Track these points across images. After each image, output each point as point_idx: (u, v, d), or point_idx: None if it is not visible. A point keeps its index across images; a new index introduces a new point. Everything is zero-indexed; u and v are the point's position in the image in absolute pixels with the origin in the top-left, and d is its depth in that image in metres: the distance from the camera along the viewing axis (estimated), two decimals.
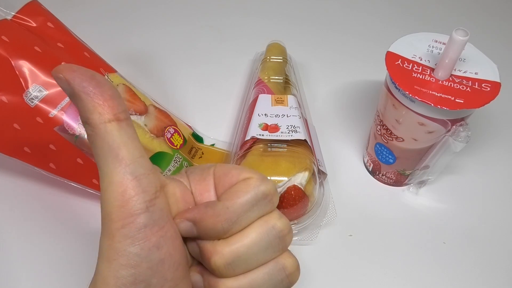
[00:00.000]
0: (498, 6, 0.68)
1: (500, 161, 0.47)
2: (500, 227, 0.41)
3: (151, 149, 0.41)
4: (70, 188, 0.38)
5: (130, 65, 0.55)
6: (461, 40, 0.31)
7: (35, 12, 0.38)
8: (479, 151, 0.47)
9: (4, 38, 0.34)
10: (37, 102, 0.35)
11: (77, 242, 0.38)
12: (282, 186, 0.37)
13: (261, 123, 0.41)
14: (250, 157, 0.39)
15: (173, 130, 0.44)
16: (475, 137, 0.49)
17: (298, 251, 0.38)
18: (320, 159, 0.42)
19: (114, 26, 0.62)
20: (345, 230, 0.40)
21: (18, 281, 0.36)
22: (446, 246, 0.39)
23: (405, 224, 0.41)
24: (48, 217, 0.40)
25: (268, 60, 0.50)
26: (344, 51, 0.60)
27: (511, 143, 0.48)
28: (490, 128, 0.50)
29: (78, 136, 0.36)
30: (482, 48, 0.36)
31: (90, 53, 0.41)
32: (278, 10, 0.67)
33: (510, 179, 0.45)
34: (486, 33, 0.62)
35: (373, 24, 0.64)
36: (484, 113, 0.51)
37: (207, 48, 0.60)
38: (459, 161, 0.46)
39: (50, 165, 0.36)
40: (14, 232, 0.39)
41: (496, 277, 0.37)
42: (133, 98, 0.42)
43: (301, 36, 0.62)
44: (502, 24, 0.65)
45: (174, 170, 0.42)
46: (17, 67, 0.35)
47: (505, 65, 0.39)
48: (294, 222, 0.38)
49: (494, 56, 0.36)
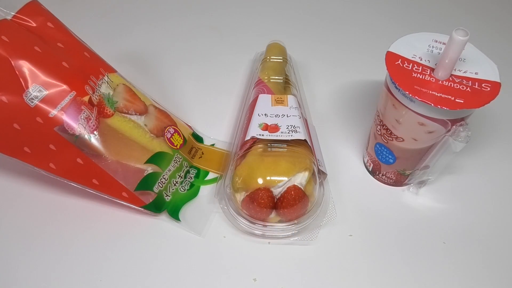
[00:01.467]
0: (498, 6, 0.68)
1: (500, 161, 0.46)
2: (500, 227, 0.41)
3: (151, 149, 0.41)
4: (70, 188, 0.38)
5: (130, 65, 0.55)
6: (461, 40, 0.31)
7: (35, 12, 0.38)
8: (479, 151, 0.47)
9: (4, 38, 0.34)
10: (37, 102, 0.35)
11: (77, 242, 0.38)
12: (282, 186, 0.37)
13: (261, 123, 0.41)
14: (250, 157, 0.39)
15: (173, 130, 0.44)
16: (475, 137, 0.49)
17: (298, 251, 0.38)
18: (320, 159, 0.42)
19: (114, 26, 0.62)
20: (345, 230, 0.40)
21: (18, 281, 0.36)
22: (446, 246, 0.39)
23: (405, 224, 0.41)
24: (48, 217, 0.40)
25: (268, 60, 0.50)
26: (344, 51, 0.60)
27: (511, 143, 0.48)
28: (490, 128, 0.50)
29: (78, 136, 0.36)
30: (482, 48, 0.36)
31: (90, 53, 0.41)
32: (278, 10, 0.67)
33: (510, 179, 0.45)
34: (486, 33, 0.62)
35: (373, 24, 0.64)
36: (484, 113, 0.51)
37: (207, 48, 0.60)
38: (459, 161, 0.46)
39: (50, 165, 0.36)
40: (14, 232, 0.39)
41: (496, 277, 0.37)
42: (133, 98, 0.42)
43: (301, 36, 0.62)
44: (502, 24, 0.65)
45: (174, 170, 0.42)
46: (17, 67, 0.35)
47: (505, 65, 0.39)
48: (294, 222, 0.38)
49: (494, 56, 0.36)
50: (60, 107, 0.36)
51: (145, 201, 0.39)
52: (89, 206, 0.41)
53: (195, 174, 0.44)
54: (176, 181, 0.42)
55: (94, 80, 0.39)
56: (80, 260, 0.37)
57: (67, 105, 0.36)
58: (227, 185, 0.40)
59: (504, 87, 0.34)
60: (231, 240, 0.39)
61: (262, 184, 0.36)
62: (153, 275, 0.36)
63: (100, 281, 0.36)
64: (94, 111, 0.38)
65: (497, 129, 0.50)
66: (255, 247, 0.38)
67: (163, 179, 0.40)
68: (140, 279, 0.36)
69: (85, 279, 0.36)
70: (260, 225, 0.38)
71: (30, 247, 0.38)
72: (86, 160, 0.37)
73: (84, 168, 0.37)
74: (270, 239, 0.39)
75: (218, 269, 0.37)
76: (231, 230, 0.39)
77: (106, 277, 0.36)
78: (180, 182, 0.42)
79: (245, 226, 0.38)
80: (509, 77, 0.44)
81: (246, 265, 0.37)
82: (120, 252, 0.38)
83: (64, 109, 0.36)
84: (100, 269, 0.36)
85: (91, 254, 0.37)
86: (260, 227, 0.38)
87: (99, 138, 0.37)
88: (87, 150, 0.37)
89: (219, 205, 0.41)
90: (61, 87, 0.36)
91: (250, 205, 0.37)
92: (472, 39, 0.33)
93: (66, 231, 0.39)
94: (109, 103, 0.39)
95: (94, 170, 0.37)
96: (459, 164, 0.46)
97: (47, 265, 0.37)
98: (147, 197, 0.39)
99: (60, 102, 0.36)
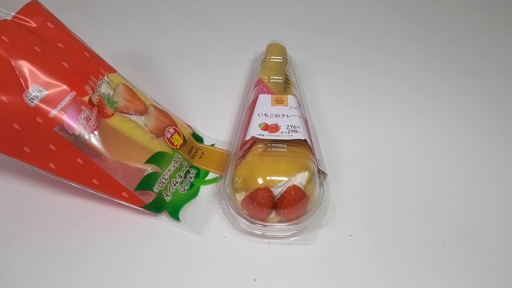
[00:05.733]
0: (498, 6, 0.68)
1: (500, 160, 0.47)
2: (500, 227, 0.41)
3: (151, 149, 0.41)
4: (70, 188, 0.38)
5: (130, 65, 0.55)
6: None
7: (35, 13, 0.38)
8: (479, 151, 0.47)
9: (4, 38, 0.34)
10: (37, 102, 0.35)
11: (77, 242, 0.38)
12: (282, 186, 0.37)
13: (261, 123, 0.41)
14: (250, 157, 0.39)
15: (173, 130, 0.44)
16: (475, 136, 0.49)
17: (298, 251, 0.38)
18: (320, 159, 0.41)
19: (114, 26, 0.62)
20: (345, 230, 0.40)
21: (18, 281, 0.36)
22: (446, 246, 0.39)
23: (405, 224, 0.40)
24: (48, 217, 0.40)
25: (268, 60, 0.50)
26: (344, 50, 0.60)
27: (511, 143, 0.49)
28: (491, 129, 0.50)
29: (78, 136, 0.36)
30: (482, 48, 0.36)
31: (90, 53, 0.41)
32: (278, 10, 0.67)
33: (510, 179, 0.45)
34: (486, 32, 0.62)
35: (373, 24, 0.64)
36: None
37: (207, 48, 0.60)
38: (459, 161, 0.46)
39: (50, 165, 0.36)
40: (14, 232, 0.39)
41: (496, 277, 0.37)
42: (133, 98, 0.42)
43: (301, 36, 0.62)
44: (502, 24, 0.65)
45: (174, 170, 0.42)
46: (17, 67, 0.35)
47: (505, 65, 0.39)
48: (294, 222, 0.38)
49: (495, 56, 0.36)
50: (60, 107, 0.36)
51: (145, 201, 0.39)
52: (89, 206, 0.41)
53: (195, 174, 0.44)
54: (176, 181, 0.42)
55: (94, 80, 0.39)
56: (80, 260, 0.37)
57: (67, 105, 0.36)
58: (227, 185, 0.40)
59: (505, 89, 0.34)
60: (231, 240, 0.39)
61: (262, 184, 0.36)
62: (153, 275, 0.36)
63: (100, 281, 0.36)
64: (94, 111, 0.38)
65: (497, 128, 0.50)
66: (255, 247, 0.38)
67: (163, 179, 0.40)
68: (140, 279, 0.36)
69: (85, 279, 0.36)
70: (260, 225, 0.38)
71: (30, 247, 0.38)
72: (86, 160, 0.37)
73: (84, 168, 0.37)
74: (270, 239, 0.39)
75: (218, 269, 0.37)
76: (231, 230, 0.39)
77: (106, 277, 0.36)
78: (180, 182, 0.42)
79: (245, 226, 0.38)
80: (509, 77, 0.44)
81: (246, 265, 0.37)
82: (120, 252, 0.38)
83: (64, 109, 0.36)
84: (100, 269, 0.36)
85: (91, 254, 0.37)
86: (260, 227, 0.38)
87: (99, 138, 0.37)
88: (87, 150, 0.37)
89: (219, 205, 0.41)
90: (61, 87, 0.36)
91: (250, 205, 0.37)
92: (472, 39, 0.33)
93: (66, 231, 0.39)
94: (109, 103, 0.39)
95: (94, 170, 0.37)
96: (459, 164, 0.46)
97: (47, 265, 0.37)
98: (147, 197, 0.39)
99: (60, 102, 0.36)
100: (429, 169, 0.45)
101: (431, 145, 0.48)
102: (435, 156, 0.47)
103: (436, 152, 0.47)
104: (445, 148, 0.48)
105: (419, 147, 0.48)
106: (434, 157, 0.47)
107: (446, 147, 0.48)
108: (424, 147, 0.48)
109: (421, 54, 0.59)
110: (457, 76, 0.56)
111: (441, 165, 0.46)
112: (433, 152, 0.47)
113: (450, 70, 0.57)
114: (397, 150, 0.47)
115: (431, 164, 0.46)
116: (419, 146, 0.48)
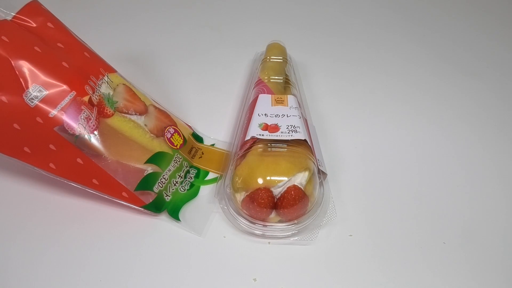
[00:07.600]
0: (498, 6, 0.68)
1: (500, 160, 0.47)
2: (500, 227, 0.41)
3: (151, 149, 0.41)
4: (70, 188, 0.38)
5: (130, 65, 0.55)
6: None
7: (35, 13, 0.38)
8: (479, 150, 0.47)
9: (4, 38, 0.34)
10: (37, 102, 0.35)
11: (76, 242, 0.38)
12: (282, 186, 0.37)
13: (261, 123, 0.41)
14: (250, 157, 0.39)
15: (173, 130, 0.44)
16: (475, 136, 0.49)
17: (298, 251, 0.38)
18: (320, 159, 0.42)
19: (114, 26, 0.62)
20: (345, 230, 0.40)
21: (18, 281, 0.36)
22: (446, 246, 0.39)
23: (405, 224, 0.40)
24: (48, 217, 0.40)
25: (268, 60, 0.50)
26: (344, 50, 0.60)
27: (510, 142, 0.49)
28: (491, 128, 0.50)
29: (78, 136, 0.36)
30: (482, 48, 0.36)
31: (90, 53, 0.41)
32: (278, 10, 0.67)
33: (510, 179, 0.45)
34: (486, 33, 0.62)
35: (373, 24, 0.64)
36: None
37: (207, 48, 0.60)
38: (459, 161, 0.46)
39: (50, 165, 0.36)
40: (14, 232, 0.39)
41: (496, 277, 0.37)
42: (133, 98, 0.42)
43: (301, 36, 0.62)
44: (503, 24, 0.65)
45: (174, 170, 0.42)
46: (17, 67, 0.35)
47: (505, 65, 0.39)
48: (294, 222, 0.38)
49: (494, 56, 0.36)
50: (60, 107, 0.36)
51: (145, 201, 0.39)
52: (89, 206, 0.41)
53: (195, 174, 0.44)
54: (176, 181, 0.42)
55: (94, 80, 0.39)
56: (80, 260, 0.37)
57: (67, 105, 0.36)
58: (227, 185, 0.40)
59: (505, 88, 0.34)
60: (231, 240, 0.39)
61: (262, 184, 0.36)
62: (153, 275, 0.36)
63: (100, 281, 0.36)
64: (94, 111, 0.38)
65: (497, 128, 0.50)
66: (255, 247, 0.38)
67: (163, 179, 0.40)
68: (140, 279, 0.36)
69: (85, 279, 0.36)
70: (260, 225, 0.38)
71: (30, 247, 0.38)
72: (86, 160, 0.37)
73: (84, 168, 0.37)
74: (270, 239, 0.39)
75: (218, 269, 0.37)
76: (231, 230, 0.39)
77: (106, 277, 0.36)
78: (180, 182, 0.42)
79: (245, 226, 0.38)
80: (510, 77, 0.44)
81: (246, 265, 0.37)
82: (120, 252, 0.38)
83: (64, 109, 0.36)
84: (100, 269, 0.36)
85: (91, 254, 0.37)
86: (260, 227, 0.38)
87: (99, 138, 0.37)
88: (87, 150, 0.37)
89: (219, 205, 0.41)
90: (61, 87, 0.36)
91: (250, 205, 0.37)
92: (472, 39, 0.33)
93: (66, 231, 0.39)
94: (109, 103, 0.39)
95: (94, 170, 0.37)
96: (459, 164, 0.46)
97: (47, 265, 0.37)
98: (147, 197, 0.39)
99: (60, 102, 0.36)
100: (429, 169, 0.45)
101: (431, 145, 0.48)
102: (435, 156, 0.47)
103: (436, 152, 0.47)
104: (445, 148, 0.48)
105: (419, 147, 0.48)
106: (434, 157, 0.47)
107: (446, 147, 0.48)
108: (424, 147, 0.48)
109: (421, 54, 0.59)
110: (457, 76, 0.56)
111: (441, 165, 0.46)
112: (433, 152, 0.47)
113: (450, 70, 0.57)
114: (397, 150, 0.47)
115: (431, 164, 0.46)
116: (419, 146, 0.48)
